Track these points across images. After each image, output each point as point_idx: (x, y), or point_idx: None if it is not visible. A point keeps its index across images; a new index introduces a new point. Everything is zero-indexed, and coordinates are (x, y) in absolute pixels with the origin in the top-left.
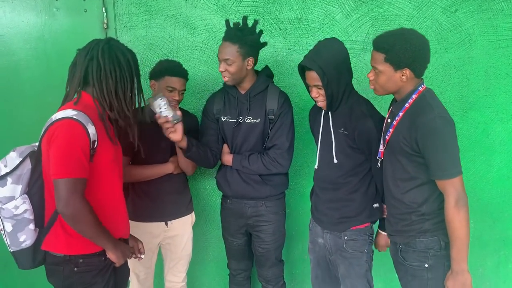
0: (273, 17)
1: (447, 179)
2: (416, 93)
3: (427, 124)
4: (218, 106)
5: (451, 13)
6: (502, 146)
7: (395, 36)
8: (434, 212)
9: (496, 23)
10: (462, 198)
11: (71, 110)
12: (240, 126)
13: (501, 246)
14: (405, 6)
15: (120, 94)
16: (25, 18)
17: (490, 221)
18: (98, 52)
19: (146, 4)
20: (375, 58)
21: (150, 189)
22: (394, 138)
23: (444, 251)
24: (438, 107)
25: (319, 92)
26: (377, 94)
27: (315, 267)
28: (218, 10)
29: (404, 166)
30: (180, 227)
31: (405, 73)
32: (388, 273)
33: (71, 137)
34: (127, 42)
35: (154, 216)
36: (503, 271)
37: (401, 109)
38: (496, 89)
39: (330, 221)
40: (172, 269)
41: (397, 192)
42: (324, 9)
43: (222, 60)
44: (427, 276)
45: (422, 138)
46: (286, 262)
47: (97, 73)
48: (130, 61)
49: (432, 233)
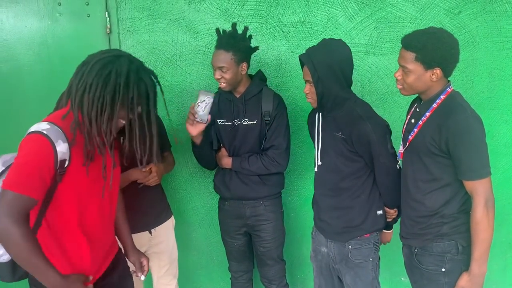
0: (276, 21)
1: (477, 180)
2: (444, 94)
3: (460, 123)
4: (212, 111)
5: (455, 15)
6: (507, 148)
7: (426, 35)
8: (453, 215)
9: (500, 24)
10: (491, 200)
11: (46, 123)
12: (236, 128)
13: (507, 249)
14: (409, 8)
15: (93, 116)
16: (28, 24)
17: (495, 224)
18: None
19: (149, 8)
20: (404, 57)
21: (129, 201)
22: (418, 138)
23: (461, 256)
24: (469, 108)
25: (310, 89)
26: (403, 94)
27: (318, 276)
28: (221, 14)
29: (427, 167)
30: (164, 232)
31: (435, 73)
32: (393, 277)
33: (32, 153)
34: (130, 47)
35: (137, 226)
36: (509, 274)
37: (428, 109)
38: (501, 91)
39: (333, 230)
40: (162, 278)
41: (418, 193)
42: (327, 12)
43: (217, 67)
44: (444, 280)
45: (453, 138)
46: (289, 266)
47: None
48: (121, 85)
49: (450, 237)
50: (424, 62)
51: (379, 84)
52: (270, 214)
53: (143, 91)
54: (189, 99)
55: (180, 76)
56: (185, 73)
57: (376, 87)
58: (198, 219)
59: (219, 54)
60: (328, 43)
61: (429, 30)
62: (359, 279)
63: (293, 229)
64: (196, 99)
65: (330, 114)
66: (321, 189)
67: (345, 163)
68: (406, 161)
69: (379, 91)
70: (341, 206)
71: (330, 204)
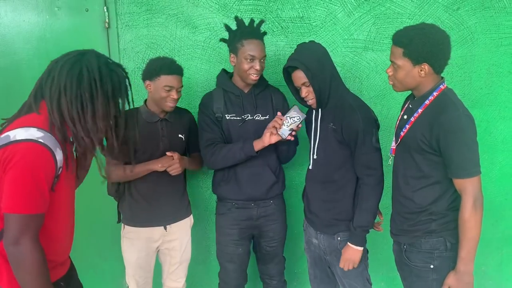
0: (274, 16)
1: (467, 178)
2: (437, 91)
3: (452, 121)
4: (218, 104)
5: (453, 11)
6: (504, 144)
7: (414, 31)
8: (442, 213)
9: (498, 21)
10: (479, 199)
11: (37, 130)
12: (246, 124)
13: (503, 245)
14: (407, 4)
15: (75, 117)
16: (26, 18)
17: (492, 219)
18: (61, 64)
19: (147, 3)
20: (394, 52)
21: (148, 192)
22: (410, 134)
23: (450, 252)
24: (461, 106)
25: (308, 90)
26: (396, 91)
27: (312, 267)
28: (220, 9)
29: (418, 164)
30: (179, 231)
31: (423, 68)
32: (390, 273)
33: (35, 167)
34: (129, 41)
35: (152, 221)
36: (505, 270)
37: (420, 106)
38: (499, 87)
39: (322, 223)
40: (172, 275)
41: (407, 190)
42: (326, 7)
43: (261, 58)
44: (432, 277)
45: (444, 135)
46: (287, 261)
47: (51, 86)
48: (96, 80)
49: (438, 234)
50: (412, 57)
51: (377, 80)
52: (278, 213)
53: (117, 81)
54: (187, 93)
55: None
56: (184, 68)
57: (374, 83)
58: (196, 214)
59: (258, 44)
60: (305, 45)
61: (418, 26)
62: (350, 270)
63: (290, 225)
64: (287, 111)
65: (327, 107)
66: (312, 181)
67: (334, 154)
68: (398, 157)
69: (377, 87)
70: (330, 199)
71: (320, 197)
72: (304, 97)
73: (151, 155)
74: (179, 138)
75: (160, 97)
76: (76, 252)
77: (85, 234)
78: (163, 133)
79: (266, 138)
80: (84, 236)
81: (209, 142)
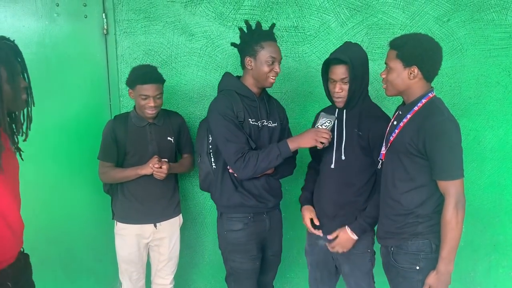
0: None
1: (450, 180)
2: (426, 98)
3: (437, 126)
4: (237, 109)
5: (444, 23)
6: (492, 153)
7: (410, 36)
8: (428, 215)
9: (487, 33)
10: (461, 201)
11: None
12: (263, 129)
13: (491, 251)
14: (399, 15)
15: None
16: (26, 23)
17: (481, 226)
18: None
19: (145, 10)
20: (388, 55)
21: (139, 192)
22: (399, 139)
23: (434, 254)
24: (447, 112)
25: (343, 88)
26: (387, 95)
27: (314, 270)
28: (216, 18)
29: (405, 167)
30: (169, 228)
31: (413, 71)
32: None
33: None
34: (126, 48)
35: (143, 218)
36: (493, 276)
37: (409, 112)
38: (487, 97)
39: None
40: (160, 272)
41: (395, 192)
42: (320, 17)
43: (280, 60)
44: (418, 278)
45: (430, 139)
46: (280, 266)
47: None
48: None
49: (424, 236)
50: (403, 59)
51: (369, 89)
52: (280, 219)
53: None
54: (183, 100)
55: (175, 78)
56: (180, 75)
57: None
58: (190, 218)
59: (277, 46)
60: (355, 45)
61: (414, 33)
62: (358, 269)
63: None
64: (316, 121)
65: (353, 110)
66: (329, 185)
67: (356, 158)
68: (387, 161)
69: None
70: (345, 201)
71: (335, 199)
72: (336, 92)
73: (140, 158)
74: (168, 141)
75: (139, 105)
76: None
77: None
78: (151, 137)
79: (310, 142)
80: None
81: (239, 154)
